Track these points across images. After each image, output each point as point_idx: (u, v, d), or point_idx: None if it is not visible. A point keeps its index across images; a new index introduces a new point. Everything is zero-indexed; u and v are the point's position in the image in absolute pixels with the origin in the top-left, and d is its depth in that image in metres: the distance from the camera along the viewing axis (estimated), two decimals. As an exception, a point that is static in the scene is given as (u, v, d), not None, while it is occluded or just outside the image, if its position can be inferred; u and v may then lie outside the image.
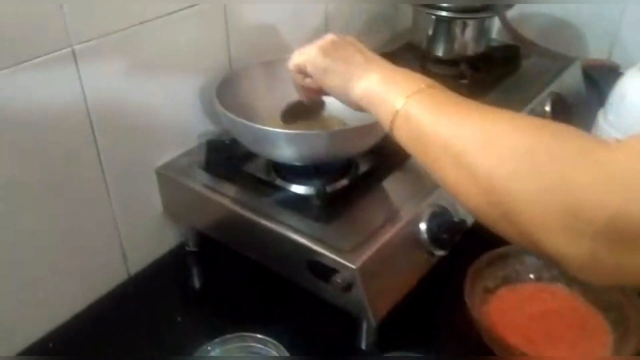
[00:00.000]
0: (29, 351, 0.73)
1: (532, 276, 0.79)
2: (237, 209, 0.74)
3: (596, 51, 1.22)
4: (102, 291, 0.81)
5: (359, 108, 0.61)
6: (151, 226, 0.85)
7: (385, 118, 0.55)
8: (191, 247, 0.88)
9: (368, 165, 0.82)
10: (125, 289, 0.83)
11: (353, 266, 0.65)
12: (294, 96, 0.78)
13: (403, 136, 0.54)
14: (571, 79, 1.08)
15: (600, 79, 1.17)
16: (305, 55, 0.65)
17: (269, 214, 0.73)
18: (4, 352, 0.71)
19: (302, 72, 0.66)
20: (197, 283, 0.86)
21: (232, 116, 0.71)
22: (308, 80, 0.67)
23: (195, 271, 0.87)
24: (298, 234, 0.70)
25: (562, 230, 0.41)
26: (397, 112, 0.53)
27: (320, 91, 0.67)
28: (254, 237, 0.74)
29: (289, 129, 0.72)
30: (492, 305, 0.76)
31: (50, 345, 0.74)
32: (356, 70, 0.60)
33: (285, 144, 0.71)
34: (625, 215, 0.38)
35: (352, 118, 0.81)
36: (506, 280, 0.78)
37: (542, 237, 0.42)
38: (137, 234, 0.83)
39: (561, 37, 1.24)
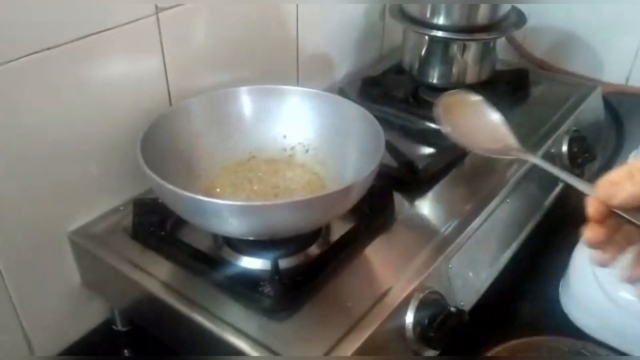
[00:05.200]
0: None
1: (550, 377, 0.62)
2: (167, 298, 0.56)
3: (612, 74, 1.04)
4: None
5: None
6: (66, 302, 0.67)
7: None
8: (119, 327, 0.70)
9: (344, 229, 0.64)
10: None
11: (312, 390, 0.48)
12: (245, 136, 0.62)
13: None
14: (590, 112, 0.91)
15: (619, 108, 1.00)
16: None
17: (206, 303, 0.55)
18: None
19: None
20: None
21: (160, 180, 0.53)
22: None
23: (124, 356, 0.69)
24: (242, 339, 0.52)
25: None
26: None
27: None
28: (187, 335, 0.56)
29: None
30: (497, 420, 0.59)
31: None
32: None
33: (229, 218, 0.53)
34: None
35: (330, 165, 0.65)
36: (516, 383, 0.62)
37: None
38: (46, 313, 0.65)
39: (573, 56, 1.06)
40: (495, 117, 0.64)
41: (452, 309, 0.58)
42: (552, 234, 0.80)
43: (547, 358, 0.62)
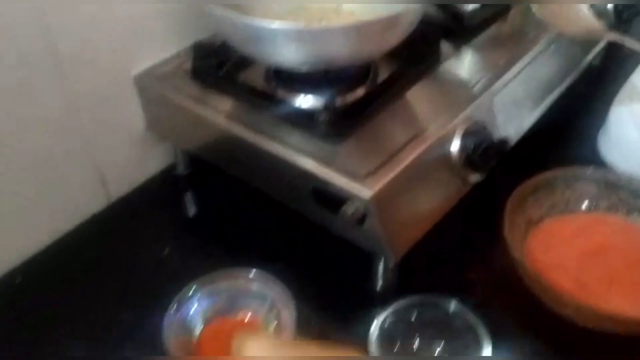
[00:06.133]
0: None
1: (585, 205, 0.66)
2: (230, 126, 0.61)
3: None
4: (77, 220, 0.70)
5: None
6: (133, 146, 0.72)
7: None
8: (181, 170, 0.76)
9: (389, 71, 0.67)
10: (105, 217, 0.72)
11: (366, 195, 0.52)
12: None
13: None
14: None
15: None
16: None
17: (268, 131, 0.60)
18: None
19: None
20: (187, 211, 0.75)
21: (217, 9, 0.56)
22: None
23: (185, 197, 0.75)
24: (301, 156, 0.57)
25: None
26: None
27: None
28: (250, 160, 0.61)
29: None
30: (535, 240, 0.63)
31: (18, 279, 0.64)
32: None
33: (285, 44, 0.56)
34: None
35: (379, 11, 0.67)
36: (553, 210, 0.66)
37: None
38: (117, 155, 0.71)
39: None
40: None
41: (496, 138, 0.62)
42: (593, 84, 0.82)
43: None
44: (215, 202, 0.73)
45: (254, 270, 0.58)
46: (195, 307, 0.57)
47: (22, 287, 0.64)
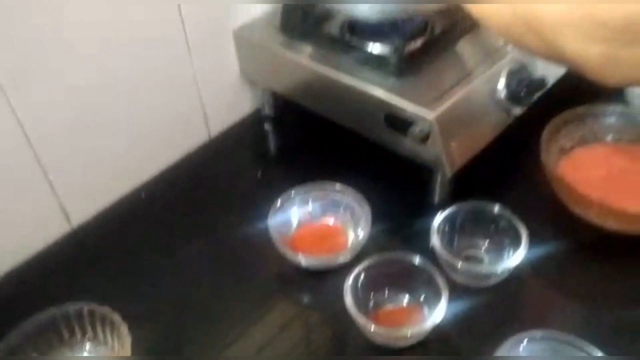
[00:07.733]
0: (127, 200, 0.80)
1: (610, 137, 0.78)
2: (314, 65, 0.75)
3: None
4: (185, 151, 0.86)
5: None
6: (229, 90, 0.87)
7: None
8: (267, 112, 0.91)
9: (443, 27, 0.80)
10: (207, 149, 0.87)
11: (430, 117, 0.66)
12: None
13: None
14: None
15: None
16: None
17: (347, 70, 0.74)
18: (104, 199, 0.79)
19: None
20: (274, 145, 0.90)
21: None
22: None
23: (272, 134, 0.91)
24: (376, 88, 0.71)
25: (581, 36, 0.43)
26: None
27: None
28: (331, 94, 0.75)
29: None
30: (567, 165, 0.76)
31: (142, 194, 0.80)
32: None
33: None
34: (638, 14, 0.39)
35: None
36: (583, 141, 0.78)
37: (564, 44, 0.44)
38: (217, 96, 0.86)
39: None
40: None
41: (535, 76, 0.75)
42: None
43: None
44: (297, 137, 0.88)
45: (337, 184, 0.73)
46: (293, 209, 0.72)
47: (145, 201, 0.80)
